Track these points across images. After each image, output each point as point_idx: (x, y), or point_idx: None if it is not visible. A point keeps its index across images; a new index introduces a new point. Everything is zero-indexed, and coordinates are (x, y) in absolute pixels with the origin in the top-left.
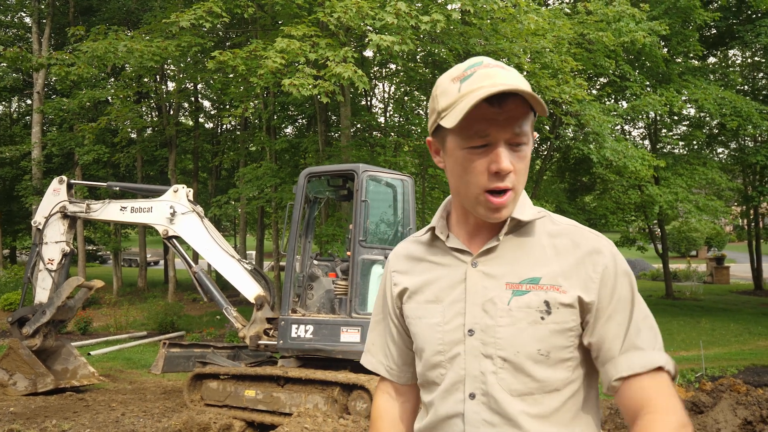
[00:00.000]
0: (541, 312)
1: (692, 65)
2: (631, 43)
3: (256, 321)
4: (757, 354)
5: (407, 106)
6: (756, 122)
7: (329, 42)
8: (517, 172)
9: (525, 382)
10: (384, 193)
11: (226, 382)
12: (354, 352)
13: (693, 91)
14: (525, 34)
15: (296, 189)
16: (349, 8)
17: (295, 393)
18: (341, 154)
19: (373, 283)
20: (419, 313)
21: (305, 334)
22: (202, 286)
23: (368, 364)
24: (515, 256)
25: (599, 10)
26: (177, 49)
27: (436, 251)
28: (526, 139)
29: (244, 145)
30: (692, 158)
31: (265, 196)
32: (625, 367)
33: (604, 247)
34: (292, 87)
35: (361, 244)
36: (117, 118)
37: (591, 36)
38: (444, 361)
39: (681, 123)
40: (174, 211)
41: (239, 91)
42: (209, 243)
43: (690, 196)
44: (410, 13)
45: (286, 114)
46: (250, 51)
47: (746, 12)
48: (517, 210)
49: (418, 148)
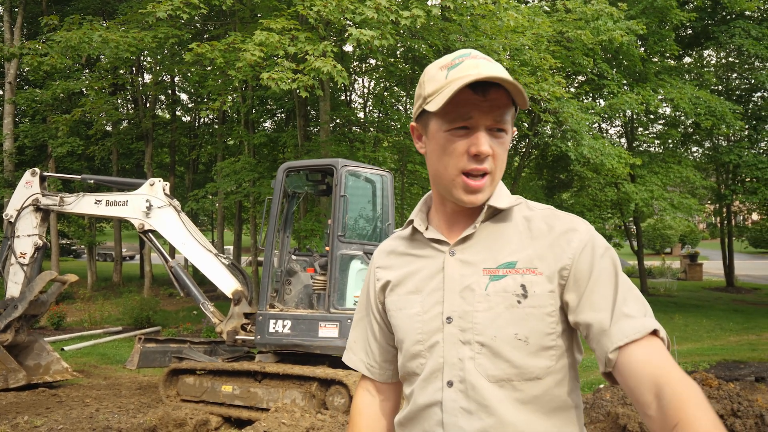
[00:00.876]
0: (518, 296)
1: (668, 65)
2: (609, 41)
3: (233, 316)
4: (729, 349)
5: (387, 101)
6: (729, 122)
7: (309, 36)
8: (495, 157)
9: (503, 367)
10: (363, 189)
11: (203, 377)
12: (332, 347)
13: (669, 91)
14: (504, 31)
15: (275, 183)
16: (329, 2)
17: (272, 388)
18: (320, 149)
19: (352, 278)
20: (400, 304)
21: (283, 329)
22: (179, 281)
23: (349, 362)
24: (492, 242)
25: (578, 8)
26: (154, 40)
27: (417, 244)
28: (506, 127)
29: (221, 139)
30: (667, 156)
31: (243, 190)
32: (619, 336)
33: (579, 226)
34: (271, 81)
35: (339, 240)
36: (92, 110)
37: (570, 34)
38: (423, 350)
39: (657, 122)
40: (150, 204)
41: (217, 84)
42: (186, 237)
43: (665, 194)
44: (390, 8)
45: (264, 108)
46: (229, 43)
47: (721, 13)
48: (494, 198)
49: (397, 143)
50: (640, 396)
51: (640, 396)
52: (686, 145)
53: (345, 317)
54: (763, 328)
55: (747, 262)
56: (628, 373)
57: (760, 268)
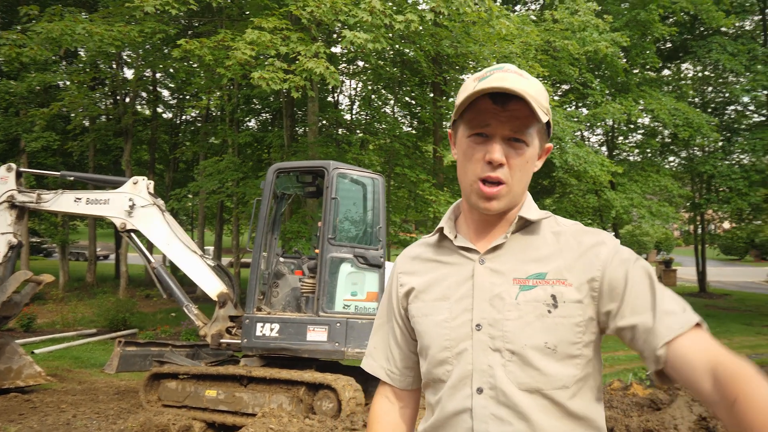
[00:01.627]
0: (548, 305)
1: (649, 76)
2: (594, 52)
3: (218, 319)
4: None
5: (374, 103)
6: (706, 133)
7: (301, 36)
8: (512, 167)
9: (533, 375)
10: (354, 191)
11: (186, 381)
12: (321, 351)
13: (649, 101)
14: (495, 38)
15: (264, 184)
16: (323, 3)
17: (258, 393)
18: (308, 150)
19: (342, 281)
20: (426, 310)
21: (271, 332)
22: (162, 282)
23: (369, 368)
24: (521, 253)
25: (565, 19)
26: (140, 35)
27: (444, 251)
28: (526, 139)
29: (205, 138)
30: (646, 165)
31: (227, 190)
32: (666, 332)
33: (606, 240)
34: (262, 80)
35: (330, 242)
36: (71, 104)
37: (557, 44)
38: (450, 357)
39: (636, 131)
40: (133, 203)
41: (203, 82)
42: (170, 238)
43: (644, 202)
44: (384, 12)
45: (250, 107)
46: (218, 41)
47: (699, 28)
48: (524, 209)
49: (384, 146)
50: (698, 384)
51: (698, 384)
52: (664, 155)
53: (334, 321)
54: (734, 333)
55: (718, 269)
56: (681, 365)
57: (731, 274)
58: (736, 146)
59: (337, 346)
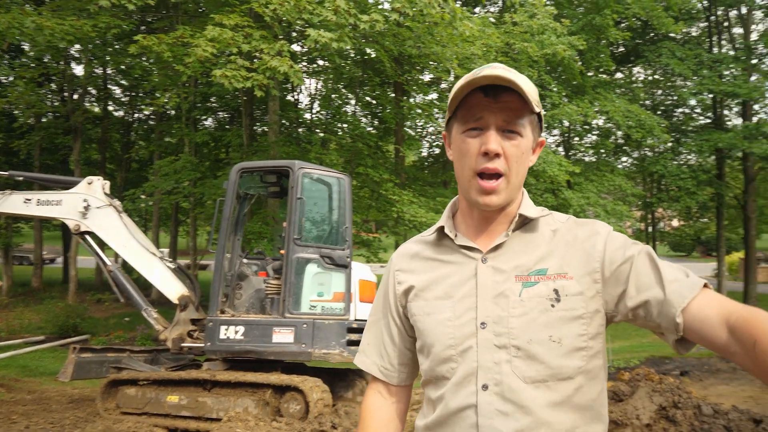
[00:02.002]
0: (551, 300)
1: (603, 79)
2: (552, 55)
3: (179, 322)
4: (656, 346)
5: (334, 103)
6: (657, 135)
7: (263, 34)
8: (508, 157)
9: (538, 369)
10: (319, 191)
11: (146, 387)
12: (287, 353)
13: (604, 103)
14: (457, 40)
15: (227, 184)
16: (287, 0)
17: (222, 397)
18: (269, 150)
19: (308, 282)
20: (428, 309)
21: (235, 335)
22: (119, 285)
23: (362, 364)
24: (522, 251)
25: (524, 22)
26: (93, 29)
27: (444, 249)
28: (519, 130)
29: (160, 137)
30: (601, 165)
31: (183, 190)
32: (679, 300)
33: (600, 229)
34: (224, 78)
35: (295, 243)
36: (16, 101)
37: (517, 46)
38: (455, 354)
39: (591, 132)
40: (88, 204)
41: (162, 79)
42: (128, 240)
43: (600, 201)
44: (349, 11)
45: (207, 105)
46: (177, 37)
47: (650, 34)
48: (524, 207)
49: (346, 146)
50: (718, 338)
51: (717, 339)
52: (618, 155)
53: (300, 322)
54: None
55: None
56: (699, 325)
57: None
58: (684, 147)
59: (304, 348)
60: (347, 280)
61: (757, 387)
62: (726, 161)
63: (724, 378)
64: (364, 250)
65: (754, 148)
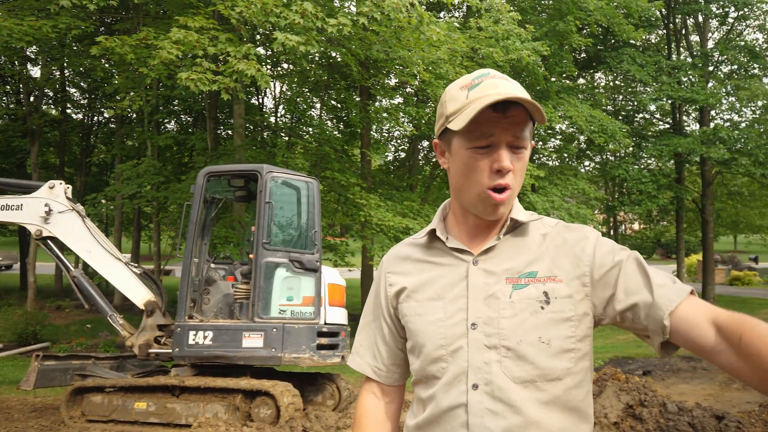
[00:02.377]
0: (541, 302)
1: (566, 85)
2: (517, 60)
3: (145, 328)
4: (618, 347)
5: (300, 106)
6: (619, 139)
7: (229, 37)
8: (515, 172)
9: (527, 369)
10: (288, 195)
11: (112, 395)
12: (257, 358)
13: (567, 108)
14: (423, 44)
15: (194, 188)
16: (253, 3)
17: (192, 403)
18: (235, 154)
19: (277, 286)
20: (420, 310)
21: (204, 340)
22: (83, 291)
23: (355, 365)
24: (513, 253)
25: (489, 27)
26: (53, 30)
27: (435, 252)
28: (525, 144)
29: (121, 140)
30: (565, 169)
31: (146, 195)
32: (667, 303)
33: (589, 234)
34: (190, 81)
35: (264, 247)
36: None
37: (482, 51)
38: (446, 354)
39: (555, 137)
40: (50, 209)
41: (125, 81)
42: (92, 245)
43: (564, 204)
44: (316, 15)
45: (170, 108)
46: (140, 39)
47: (611, 40)
48: (515, 212)
49: (312, 149)
50: (705, 339)
51: (704, 340)
52: (581, 160)
53: (270, 326)
54: None
55: None
56: (686, 328)
57: None
58: (645, 151)
59: (274, 352)
60: (317, 284)
61: (716, 385)
62: (685, 165)
63: (685, 377)
64: (331, 254)
65: (711, 153)
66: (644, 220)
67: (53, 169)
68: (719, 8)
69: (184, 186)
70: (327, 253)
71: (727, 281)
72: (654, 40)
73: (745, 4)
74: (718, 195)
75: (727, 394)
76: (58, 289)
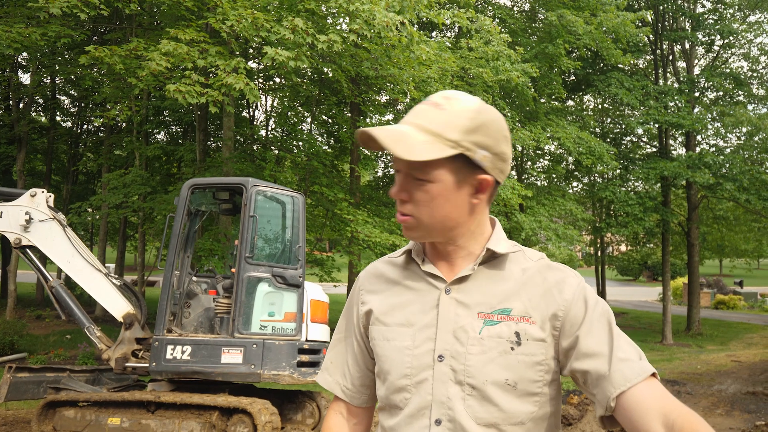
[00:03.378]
0: (512, 342)
1: (555, 106)
2: (506, 81)
3: (123, 341)
4: None
5: (290, 121)
6: (606, 161)
7: (219, 50)
8: (416, 202)
9: (491, 411)
10: (273, 209)
11: (86, 409)
12: (236, 374)
13: (555, 130)
14: (414, 63)
15: (178, 200)
16: (244, 18)
17: (167, 419)
18: (223, 166)
19: (259, 301)
20: (388, 335)
21: (182, 355)
22: (61, 302)
23: (324, 383)
24: (488, 286)
25: (480, 47)
26: (42, 38)
27: (410, 275)
28: (422, 176)
29: (109, 149)
30: (553, 190)
31: (132, 205)
32: (621, 381)
33: (570, 278)
34: (178, 93)
35: (247, 261)
36: None
37: (472, 71)
38: (410, 385)
39: (543, 157)
40: (30, 217)
41: (114, 90)
42: (72, 255)
43: (551, 225)
44: (307, 31)
45: (159, 119)
46: (130, 50)
47: (600, 64)
48: (493, 242)
49: (301, 164)
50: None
51: (648, 428)
52: (568, 181)
53: (250, 342)
54: None
55: (616, 288)
56: (632, 414)
57: (627, 294)
58: (632, 174)
59: (253, 369)
60: (299, 300)
61: (700, 410)
62: (671, 189)
63: None
64: (318, 269)
65: (697, 177)
66: (631, 242)
67: (40, 177)
68: (705, 36)
69: (171, 197)
70: (313, 267)
71: (712, 305)
72: (642, 65)
73: (731, 33)
74: (703, 219)
75: (710, 419)
76: (39, 299)
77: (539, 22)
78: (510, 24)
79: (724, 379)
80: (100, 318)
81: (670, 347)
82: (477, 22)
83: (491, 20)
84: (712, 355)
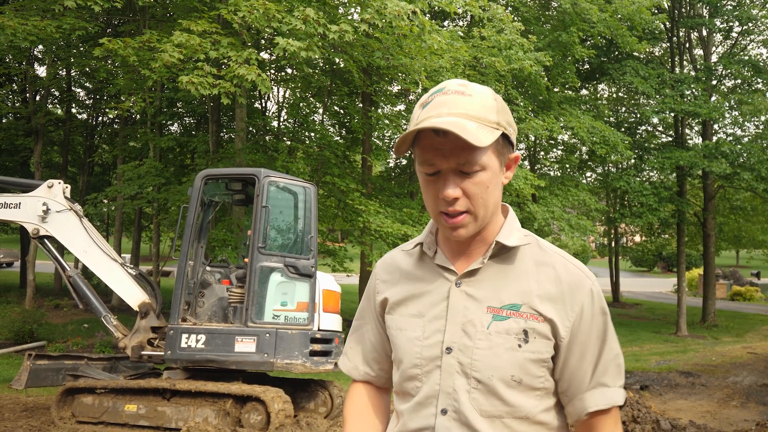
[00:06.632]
0: (519, 339)
1: (569, 95)
2: (519, 70)
3: (139, 330)
4: None
5: (302, 111)
6: (621, 151)
7: (231, 41)
8: (470, 196)
9: (496, 405)
10: (285, 200)
11: (103, 396)
12: (249, 363)
13: (569, 119)
14: (425, 52)
15: (192, 191)
16: (256, 8)
17: (182, 406)
18: (236, 157)
19: (271, 291)
20: (401, 325)
21: (197, 344)
22: (78, 291)
23: (344, 367)
24: (498, 280)
25: (492, 36)
26: (57, 30)
27: (423, 266)
28: (476, 167)
29: (124, 141)
30: (566, 180)
31: (147, 195)
32: (591, 404)
33: (584, 284)
34: (190, 85)
35: (260, 251)
36: None
37: (484, 60)
38: (420, 374)
39: (557, 147)
40: (48, 208)
41: (128, 82)
42: (88, 245)
43: (564, 215)
44: (318, 21)
45: (173, 110)
46: (144, 42)
47: (615, 52)
48: (503, 234)
49: (313, 154)
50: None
51: None
52: (582, 171)
53: (263, 331)
54: (645, 341)
55: (630, 279)
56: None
57: (641, 285)
58: (647, 164)
59: (266, 357)
60: (311, 290)
61: (715, 402)
62: (687, 179)
63: (683, 393)
64: (330, 259)
65: (713, 167)
66: (645, 233)
67: (57, 168)
68: (723, 23)
69: (185, 188)
70: (326, 258)
71: (728, 296)
72: (657, 53)
73: (749, 20)
74: (720, 209)
75: (725, 411)
76: (58, 288)
77: (553, 10)
78: (523, 12)
79: (739, 371)
80: (116, 307)
81: (685, 339)
82: (489, 11)
83: (504, 8)
84: (727, 347)
